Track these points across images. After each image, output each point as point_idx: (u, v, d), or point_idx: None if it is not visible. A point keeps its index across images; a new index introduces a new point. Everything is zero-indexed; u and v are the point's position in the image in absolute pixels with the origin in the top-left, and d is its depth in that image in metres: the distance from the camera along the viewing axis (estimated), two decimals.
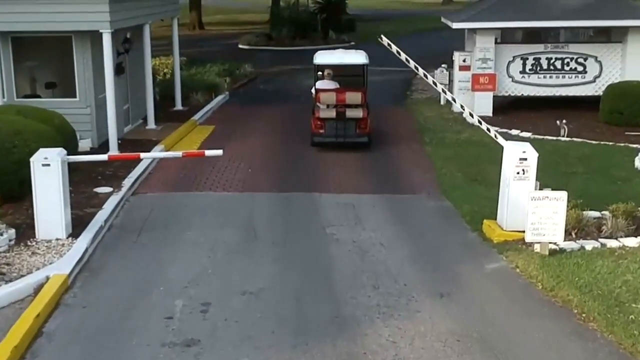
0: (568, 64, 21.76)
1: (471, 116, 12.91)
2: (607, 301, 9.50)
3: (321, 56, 18.77)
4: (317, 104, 17.96)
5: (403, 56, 12.34)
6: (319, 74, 18.78)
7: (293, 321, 9.23)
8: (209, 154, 11.94)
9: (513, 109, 22.15)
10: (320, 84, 18.50)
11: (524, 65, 21.81)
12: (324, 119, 17.58)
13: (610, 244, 11.49)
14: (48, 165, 11.34)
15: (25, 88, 17.75)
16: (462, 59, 22.25)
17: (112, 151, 16.83)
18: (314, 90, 18.51)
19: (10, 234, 11.32)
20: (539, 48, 21.79)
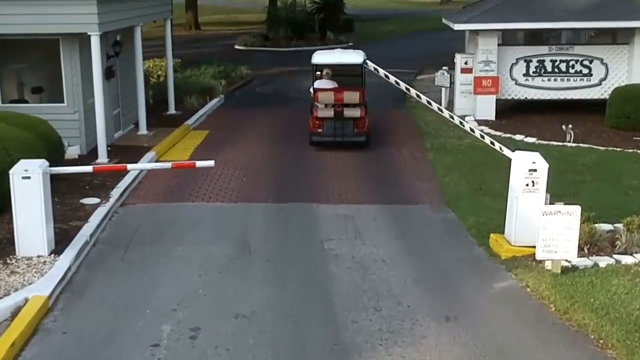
0: (573, 67, 21.12)
1: (472, 131, 12.18)
2: (626, 325, 8.85)
3: (319, 56, 18.76)
4: (316, 104, 17.95)
5: (392, 79, 11.70)
6: (318, 73, 18.78)
7: (289, 349, 8.57)
8: (200, 165, 11.29)
9: (516, 112, 21.51)
10: (319, 84, 18.51)
11: (528, 67, 21.17)
12: (322, 118, 17.56)
13: (625, 260, 10.85)
14: (28, 178, 10.67)
15: (12, 93, 17.07)
16: (464, 61, 21.60)
17: (101, 158, 16.19)
18: (312, 90, 18.49)
19: None
20: (543, 50, 21.15)
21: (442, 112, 12.45)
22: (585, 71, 21.10)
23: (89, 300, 9.86)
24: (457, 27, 21.01)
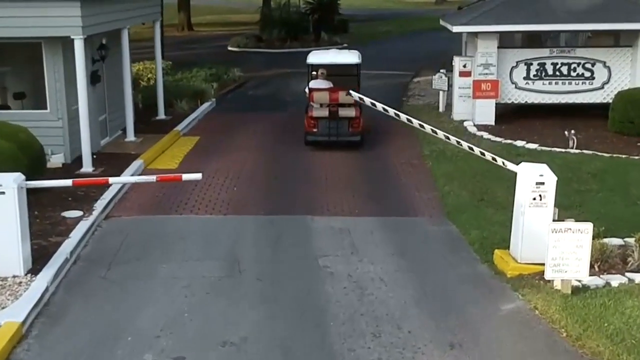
0: (575, 70, 20.47)
1: (471, 150, 11.47)
2: None
3: (314, 56, 19.08)
4: (311, 103, 18.04)
5: (379, 106, 11.02)
6: (314, 73, 18.85)
7: None
8: (186, 178, 10.61)
9: (516, 117, 20.88)
10: (314, 84, 18.57)
11: (528, 70, 20.52)
12: (317, 118, 17.65)
13: (638, 278, 10.20)
14: (3, 193, 9.98)
15: None
16: (463, 64, 20.96)
17: (86, 167, 15.51)
18: (307, 90, 18.52)
19: None
20: (544, 53, 20.51)
21: (436, 133, 11.70)
22: (588, 74, 20.46)
23: (66, 326, 9.18)
24: (455, 29, 20.35)
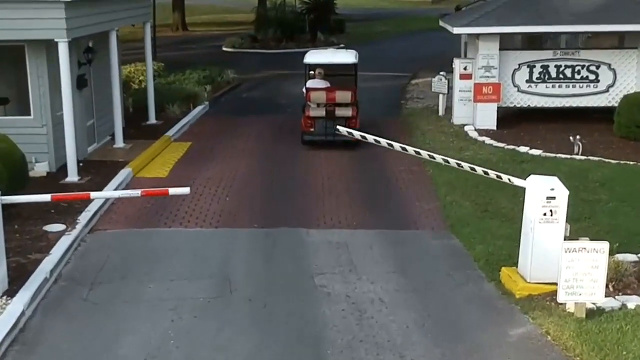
0: (579, 72, 19.84)
1: (473, 170, 10.64)
2: None
3: (311, 55, 19.15)
4: (308, 103, 18.06)
5: (370, 138, 10.33)
6: (311, 73, 18.86)
7: None
8: (173, 192, 9.95)
9: (519, 121, 20.25)
10: (311, 83, 18.62)
11: (531, 73, 19.87)
12: (313, 117, 17.70)
13: None
14: None
15: None
16: (463, 67, 20.31)
17: (71, 176, 14.84)
18: (305, 89, 18.56)
19: None
20: (547, 55, 19.88)
21: (434, 158, 10.98)
22: (592, 77, 19.84)
23: (42, 355, 8.51)
24: (456, 30, 19.70)
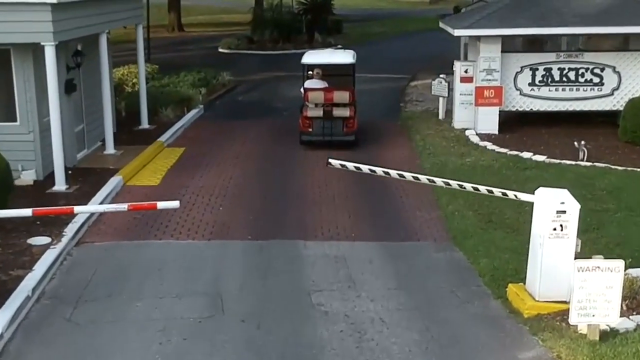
0: (583, 75, 19.31)
1: (476, 190, 9.98)
2: None
3: (309, 56, 19.16)
4: (306, 103, 18.09)
5: (365, 168, 9.75)
6: (309, 73, 18.85)
7: None
8: (162, 206, 9.41)
9: (521, 125, 19.73)
10: (309, 83, 18.64)
11: (534, 76, 19.33)
12: (311, 117, 17.68)
13: None
14: None
15: None
16: (464, 70, 19.77)
17: (59, 185, 14.31)
18: (302, 90, 18.60)
19: None
20: (550, 57, 19.34)
21: (434, 182, 10.29)
22: (596, 80, 19.31)
23: None
24: (457, 32, 19.18)
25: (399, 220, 13.16)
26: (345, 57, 19.15)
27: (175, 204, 9.40)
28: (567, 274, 9.11)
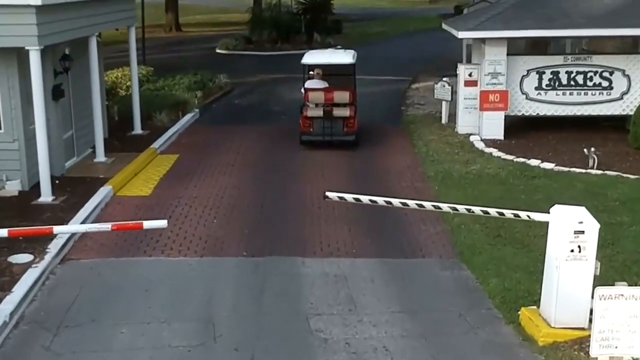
0: (591, 79, 18.63)
1: (486, 213, 9.31)
2: None
3: (310, 56, 19.12)
4: (306, 103, 18.06)
5: (365, 199, 9.11)
6: (311, 73, 18.82)
7: None
8: (148, 226, 8.72)
9: (527, 130, 19.05)
10: (310, 83, 18.60)
11: (540, 80, 18.66)
12: (312, 117, 17.63)
13: None
14: None
15: None
16: (468, 73, 19.09)
17: (45, 196, 13.63)
18: (303, 90, 18.57)
19: None
20: (557, 60, 18.66)
21: (440, 208, 9.68)
22: (605, 84, 18.64)
23: None
24: (461, 34, 18.51)
25: (402, 235, 12.48)
26: (345, 57, 19.00)
27: (162, 223, 8.74)
28: (586, 299, 8.49)
